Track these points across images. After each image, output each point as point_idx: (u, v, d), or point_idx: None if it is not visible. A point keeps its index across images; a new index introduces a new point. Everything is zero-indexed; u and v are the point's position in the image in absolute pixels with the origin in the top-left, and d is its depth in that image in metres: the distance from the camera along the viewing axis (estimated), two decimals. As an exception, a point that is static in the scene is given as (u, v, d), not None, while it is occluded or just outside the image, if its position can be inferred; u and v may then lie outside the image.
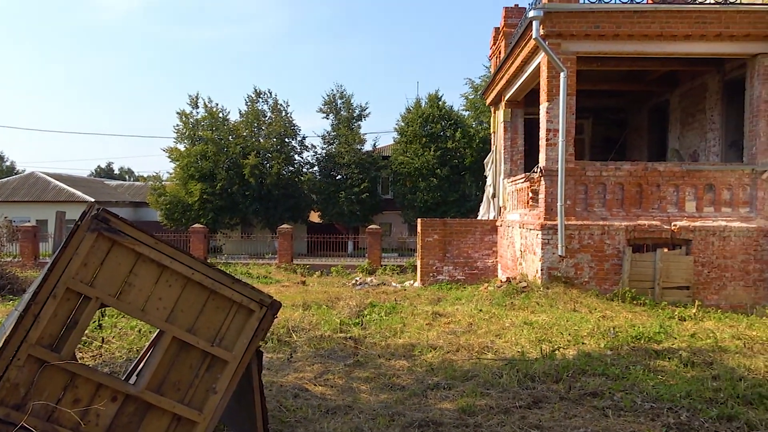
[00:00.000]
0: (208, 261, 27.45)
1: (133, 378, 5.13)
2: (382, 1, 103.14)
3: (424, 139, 35.11)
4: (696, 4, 13.51)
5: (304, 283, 20.96)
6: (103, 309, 7.31)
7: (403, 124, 36.70)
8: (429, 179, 34.12)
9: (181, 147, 36.48)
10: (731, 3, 13.28)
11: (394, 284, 20.82)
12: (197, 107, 37.08)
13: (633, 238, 13.36)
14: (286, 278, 23.44)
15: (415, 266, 22.23)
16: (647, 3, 13.93)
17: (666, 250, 13.33)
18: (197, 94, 38.91)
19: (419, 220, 20.10)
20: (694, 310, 11.96)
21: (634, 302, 12.54)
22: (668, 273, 13.19)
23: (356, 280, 21.89)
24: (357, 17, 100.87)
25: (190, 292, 4.37)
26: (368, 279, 22.57)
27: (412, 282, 21.07)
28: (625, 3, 13.19)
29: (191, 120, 36.83)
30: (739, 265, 13.18)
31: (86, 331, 8.18)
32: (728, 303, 13.11)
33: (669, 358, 8.15)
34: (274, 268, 26.93)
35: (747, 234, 13.15)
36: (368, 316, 12.06)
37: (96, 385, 4.18)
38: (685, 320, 11.24)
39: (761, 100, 13.17)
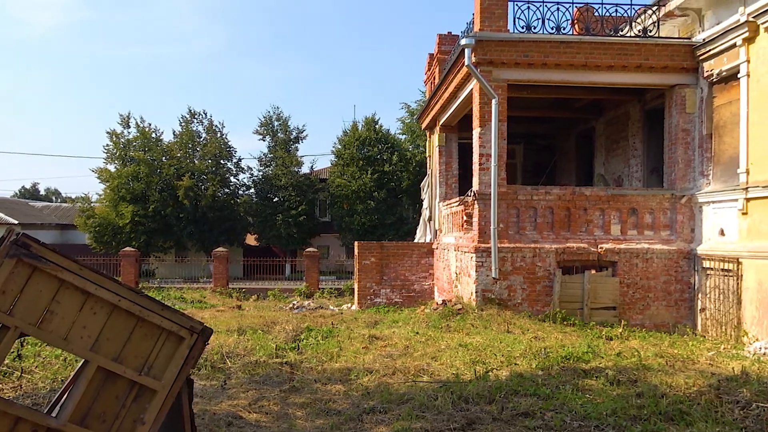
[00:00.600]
0: (140, 286, 26.61)
1: (57, 409, 4.90)
2: (319, 24, 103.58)
3: (361, 162, 35.34)
4: (618, 36, 14.20)
5: (239, 307, 20.58)
6: (23, 338, 6.97)
7: (340, 146, 36.85)
8: (366, 202, 34.27)
9: (112, 168, 35.45)
10: (650, 36, 14.00)
11: (331, 307, 20.71)
12: (129, 127, 36.19)
13: (563, 260, 13.76)
14: (221, 302, 22.98)
15: (353, 289, 22.18)
16: (573, 34, 14.51)
17: (594, 271, 13.78)
18: (129, 113, 38.04)
19: (356, 243, 20.14)
20: (620, 330, 12.39)
21: (565, 323, 12.88)
22: (596, 294, 13.62)
23: (293, 304, 21.66)
24: (294, 39, 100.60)
25: (116, 319, 4.23)
26: (306, 302, 22.39)
27: (349, 305, 21.01)
28: (552, 34, 13.70)
29: (122, 140, 35.88)
30: (662, 285, 13.75)
31: (6, 362, 7.78)
32: (652, 322, 13.64)
33: (596, 377, 8.40)
34: (209, 293, 26.37)
35: (668, 256, 13.76)
36: (305, 341, 11.94)
37: (14, 419, 3.97)
38: (611, 339, 11.61)
39: (679, 129, 13.90)
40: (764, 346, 10.74)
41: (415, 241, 22.50)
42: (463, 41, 13.57)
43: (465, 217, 14.91)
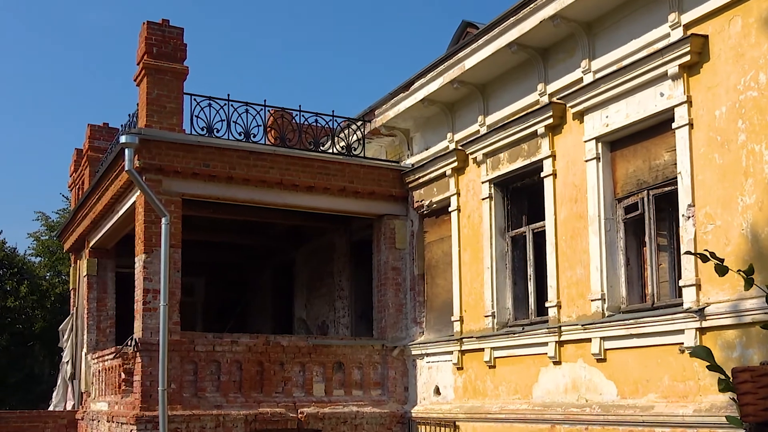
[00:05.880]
0: None
1: None
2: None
3: (-29, 295, 32.27)
4: (319, 151, 15.16)
5: None
6: None
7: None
8: (-22, 352, 31.06)
9: None
10: (355, 155, 15.20)
11: None
12: None
13: (254, 429, 13.64)
14: None
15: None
16: (266, 144, 15.16)
17: (294, 442, 13.90)
18: None
19: (-47, 417, 17.86)
20: None
21: None
22: (295, 472, 13.69)
23: None
24: None
25: None
26: None
27: None
28: (240, 141, 14.06)
29: None
30: (374, 457, 14.35)
31: None
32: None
33: None
34: None
35: (380, 421, 14.42)
36: None
37: None
38: None
39: (389, 267, 15.08)
40: None
41: (51, 408, 20.98)
42: (123, 138, 13.07)
43: (123, 375, 14.17)
